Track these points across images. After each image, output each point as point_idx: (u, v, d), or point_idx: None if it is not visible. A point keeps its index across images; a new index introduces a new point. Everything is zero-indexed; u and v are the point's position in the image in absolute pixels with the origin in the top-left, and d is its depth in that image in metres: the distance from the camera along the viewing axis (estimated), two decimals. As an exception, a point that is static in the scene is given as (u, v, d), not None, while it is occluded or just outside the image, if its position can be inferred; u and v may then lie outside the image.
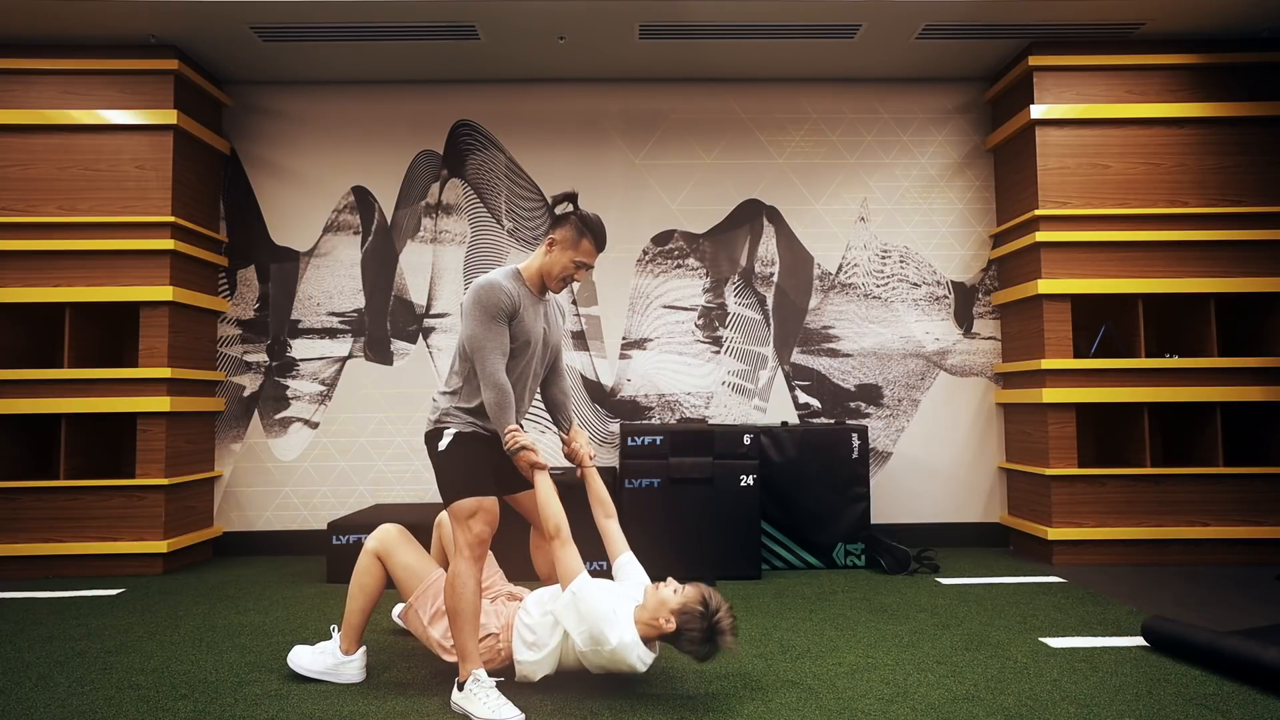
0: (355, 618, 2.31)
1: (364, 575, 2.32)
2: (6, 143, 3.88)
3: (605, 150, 4.47)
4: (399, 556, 2.32)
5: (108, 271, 3.86)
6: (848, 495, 3.84)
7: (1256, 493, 3.82)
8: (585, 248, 2.29)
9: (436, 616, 2.27)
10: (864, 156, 4.49)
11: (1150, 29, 3.90)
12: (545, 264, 2.31)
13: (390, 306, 4.40)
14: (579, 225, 2.28)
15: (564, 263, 2.28)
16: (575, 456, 2.44)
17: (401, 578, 2.32)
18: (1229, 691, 2.18)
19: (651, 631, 2.12)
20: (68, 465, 3.82)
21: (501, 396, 2.17)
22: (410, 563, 2.33)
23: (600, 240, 2.31)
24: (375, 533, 2.36)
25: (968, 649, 2.57)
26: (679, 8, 3.67)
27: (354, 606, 2.31)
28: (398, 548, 2.34)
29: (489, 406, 2.19)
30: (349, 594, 2.32)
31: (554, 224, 2.31)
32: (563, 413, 2.55)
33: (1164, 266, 3.93)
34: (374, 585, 2.32)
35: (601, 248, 2.32)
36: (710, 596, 2.13)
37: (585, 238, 2.28)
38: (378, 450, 4.33)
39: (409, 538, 2.39)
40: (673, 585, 2.19)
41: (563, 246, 2.28)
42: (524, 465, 2.23)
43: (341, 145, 4.43)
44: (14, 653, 2.60)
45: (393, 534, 2.36)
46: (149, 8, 3.59)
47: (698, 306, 4.43)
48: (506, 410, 2.18)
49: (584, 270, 2.32)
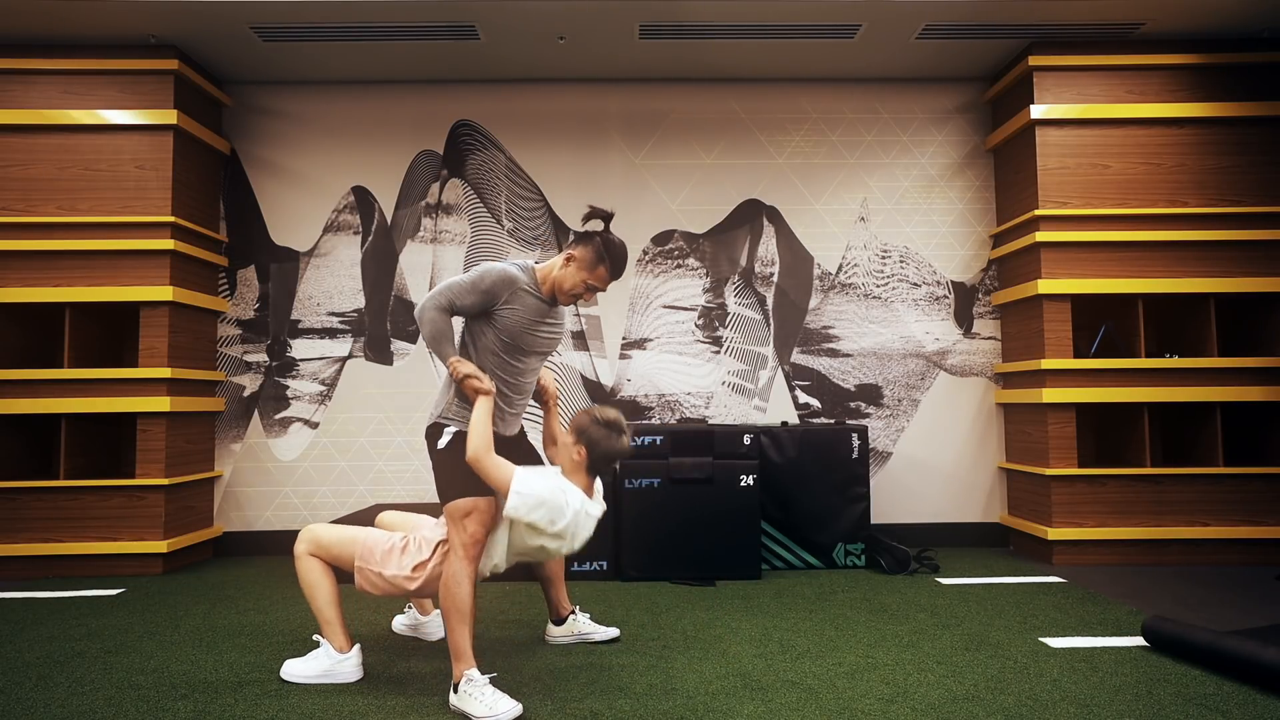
0: (327, 614, 2.32)
1: (308, 575, 2.33)
2: (6, 143, 3.88)
3: (605, 150, 4.47)
4: (326, 538, 2.34)
5: (108, 271, 3.86)
6: (848, 495, 3.84)
7: (1256, 493, 3.82)
8: (600, 273, 2.29)
9: (385, 557, 2.29)
10: (864, 156, 4.49)
11: (1150, 29, 3.90)
12: (559, 277, 2.31)
13: (390, 306, 4.40)
14: (600, 250, 2.27)
15: (576, 281, 2.29)
16: (544, 391, 2.51)
17: (337, 553, 2.33)
18: (1229, 691, 2.18)
19: (578, 475, 2.24)
20: (68, 465, 3.82)
21: (443, 326, 2.24)
22: (339, 535, 2.35)
23: (618, 269, 2.31)
24: (299, 537, 2.37)
25: (968, 649, 2.57)
26: (679, 8, 3.67)
27: (318, 606, 2.32)
28: (322, 534, 2.36)
29: (427, 337, 2.25)
30: (308, 600, 2.33)
31: (578, 240, 2.31)
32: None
33: (1164, 266, 3.93)
34: (323, 579, 2.33)
35: (617, 276, 2.32)
36: (590, 408, 2.29)
37: (603, 264, 2.28)
38: (378, 450, 4.33)
39: (327, 525, 2.41)
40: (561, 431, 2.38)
41: (579, 265, 2.28)
42: (469, 390, 2.24)
43: (341, 145, 4.43)
44: (14, 653, 2.60)
45: (313, 528, 2.38)
46: (149, 8, 3.60)
47: (698, 306, 4.43)
48: (442, 342, 2.25)
49: (593, 293, 2.34)
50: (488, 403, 2.22)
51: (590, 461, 2.23)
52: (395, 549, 2.31)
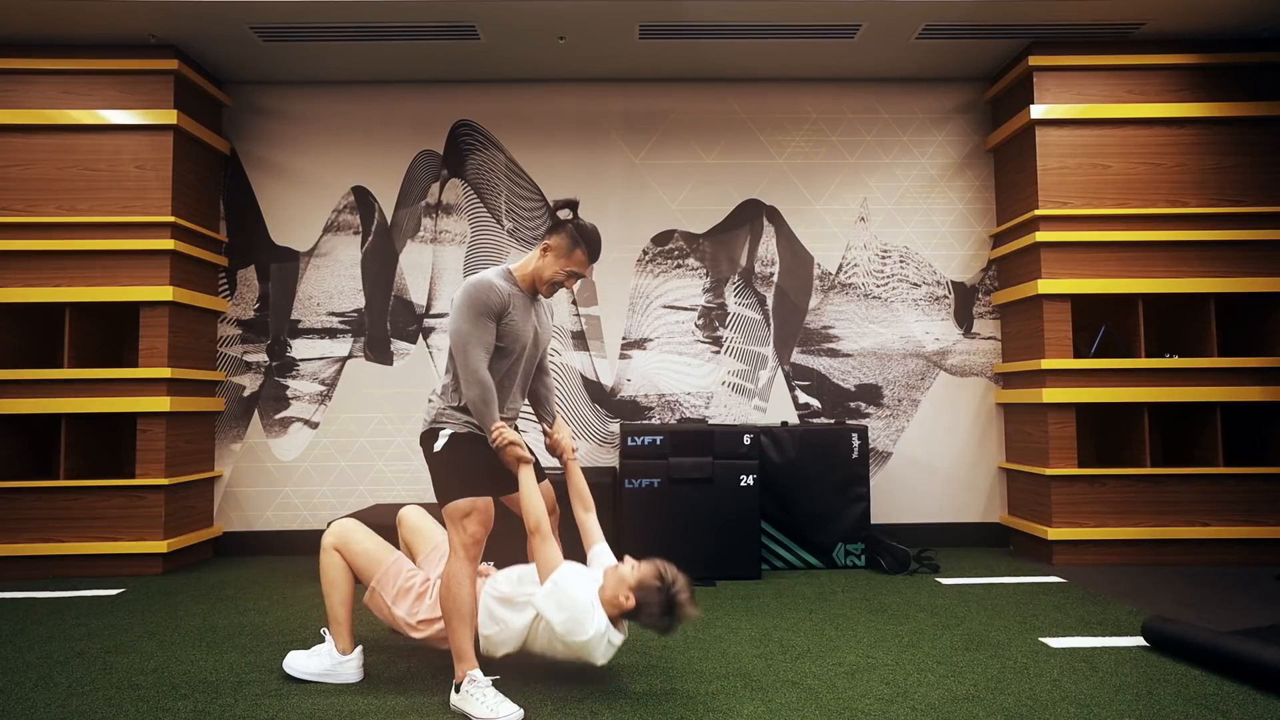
0: (337, 613, 2.32)
1: (330, 571, 2.33)
2: (6, 143, 3.88)
3: (605, 150, 4.47)
4: (355, 545, 2.34)
5: (108, 271, 3.86)
6: (848, 495, 3.84)
7: (1256, 493, 3.82)
8: (578, 257, 2.29)
9: (400, 596, 2.30)
10: (864, 156, 4.49)
11: (1150, 29, 3.90)
12: (538, 268, 2.32)
13: (390, 306, 4.40)
14: (574, 235, 2.28)
15: (555, 269, 2.29)
16: (557, 448, 2.47)
17: (361, 565, 2.34)
18: (1229, 691, 2.18)
19: (614, 610, 2.15)
20: (68, 465, 3.82)
21: (485, 392, 2.18)
22: (368, 548, 2.35)
23: (594, 251, 2.31)
24: (330, 528, 2.38)
25: (968, 649, 2.57)
26: (679, 8, 3.67)
27: (331, 603, 2.32)
28: (353, 537, 2.35)
29: (471, 402, 2.19)
30: (324, 594, 2.34)
31: (551, 229, 2.32)
32: (545, 407, 2.57)
33: (1164, 266, 3.93)
34: (342, 579, 2.33)
35: (594, 259, 2.33)
36: (665, 570, 2.16)
37: (579, 248, 2.28)
38: (378, 450, 4.33)
39: (363, 526, 2.40)
40: (630, 563, 2.22)
41: (556, 253, 2.29)
42: (510, 460, 2.24)
43: (341, 145, 4.43)
44: (14, 653, 2.60)
45: (347, 525, 2.38)
46: (149, 8, 3.60)
47: (698, 306, 4.43)
48: (490, 406, 2.20)
49: (574, 279, 2.33)
50: (531, 472, 2.23)
51: (631, 615, 2.16)
52: (411, 591, 2.31)
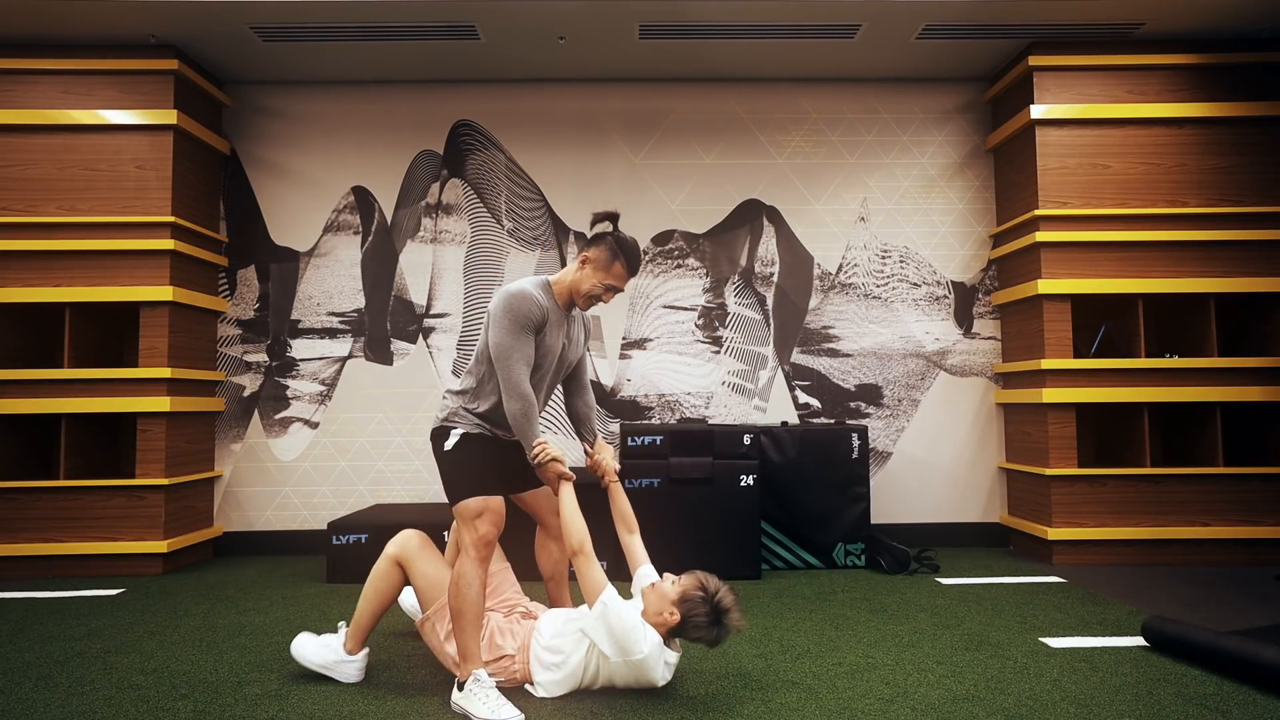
0: (365, 620, 2.30)
1: (381, 580, 2.30)
2: (6, 143, 3.88)
3: (605, 150, 4.47)
4: (420, 565, 2.29)
5: (108, 271, 3.86)
6: (848, 495, 3.84)
7: (1256, 493, 3.82)
8: (617, 271, 2.27)
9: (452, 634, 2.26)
10: (864, 156, 4.49)
11: (1150, 29, 3.90)
12: (575, 280, 2.29)
13: (390, 306, 4.40)
14: (614, 247, 2.25)
15: (593, 282, 2.27)
16: (599, 469, 2.42)
17: (421, 587, 2.28)
18: (1229, 691, 2.18)
19: (661, 628, 2.14)
20: (68, 465, 3.82)
21: (526, 407, 2.16)
22: (430, 573, 2.28)
23: (634, 265, 2.29)
24: (398, 538, 2.33)
25: (968, 649, 2.57)
26: (679, 8, 3.67)
27: (365, 609, 2.29)
28: (419, 556, 2.30)
29: (512, 417, 2.17)
30: (363, 595, 2.31)
31: (590, 242, 2.29)
32: (586, 426, 2.53)
33: (1164, 266, 3.93)
34: (389, 591, 2.30)
35: (633, 273, 2.31)
36: (708, 580, 2.16)
37: (619, 261, 2.26)
38: (378, 450, 4.33)
39: (430, 546, 2.35)
40: (669, 578, 2.20)
41: (595, 266, 2.26)
42: (551, 477, 2.23)
43: (341, 145, 4.43)
44: (14, 653, 2.60)
45: (415, 541, 2.32)
46: (149, 8, 3.59)
47: (698, 306, 4.43)
48: (532, 421, 2.17)
49: (612, 293, 2.31)
50: (572, 490, 2.21)
51: (678, 630, 2.15)
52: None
